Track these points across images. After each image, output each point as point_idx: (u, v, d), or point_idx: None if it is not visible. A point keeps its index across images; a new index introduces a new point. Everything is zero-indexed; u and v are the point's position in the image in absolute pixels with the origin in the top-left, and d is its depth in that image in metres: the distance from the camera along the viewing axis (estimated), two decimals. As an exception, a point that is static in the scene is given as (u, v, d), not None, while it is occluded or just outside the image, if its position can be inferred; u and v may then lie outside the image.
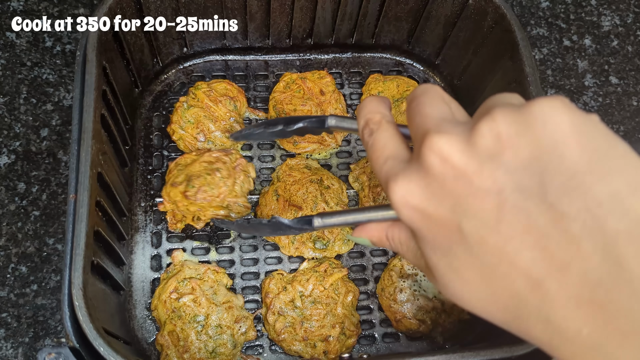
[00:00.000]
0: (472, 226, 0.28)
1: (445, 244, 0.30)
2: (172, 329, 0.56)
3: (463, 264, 0.29)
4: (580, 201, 0.25)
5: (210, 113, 0.65)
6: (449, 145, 0.28)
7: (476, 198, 0.27)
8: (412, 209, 0.30)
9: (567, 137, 0.26)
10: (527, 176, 0.26)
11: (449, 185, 0.28)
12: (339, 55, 0.73)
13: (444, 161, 0.28)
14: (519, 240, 0.26)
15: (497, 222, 0.27)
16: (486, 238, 0.27)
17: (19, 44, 0.72)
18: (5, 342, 0.58)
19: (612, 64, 0.77)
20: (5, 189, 0.64)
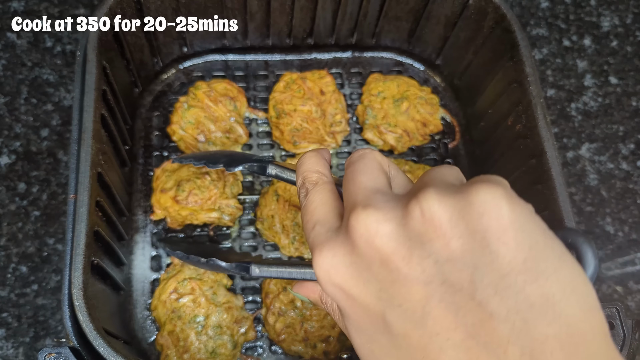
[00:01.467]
0: (397, 317, 0.26)
1: (369, 330, 0.28)
2: (172, 329, 0.56)
3: (385, 354, 0.27)
4: (511, 302, 0.23)
5: (211, 113, 0.65)
6: (376, 224, 0.26)
7: (402, 287, 0.25)
8: (335, 286, 0.28)
9: (504, 232, 0.24)
10: (457, 269, 0.24)
11: (375, 268, 0.26)
12: (339, 55, 0.73)
13: (370, 241, 0.26)
14: (445, 337, 0.24)
15: (422, 316, 0.25)
16: (410, 332, 0.25)
17: (20, 44, 0.72)
18: (6, 341, 0.58)
19: (612, 64, 0.78)
20: (5, 189, 0.64)
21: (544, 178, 0.52)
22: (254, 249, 0.62)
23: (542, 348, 0.23)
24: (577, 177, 0.70)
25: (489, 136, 0.65)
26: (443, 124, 0.70)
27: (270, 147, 0.68)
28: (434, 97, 0.71)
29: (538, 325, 0.23)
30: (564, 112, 0.74)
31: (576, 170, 0.71)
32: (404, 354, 0.26)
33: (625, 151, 0.72)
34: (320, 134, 0.67)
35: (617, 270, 0.64)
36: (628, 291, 0.64)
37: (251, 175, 0.66)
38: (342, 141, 0.68)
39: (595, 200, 0.69)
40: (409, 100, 0.69)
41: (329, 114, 0.68)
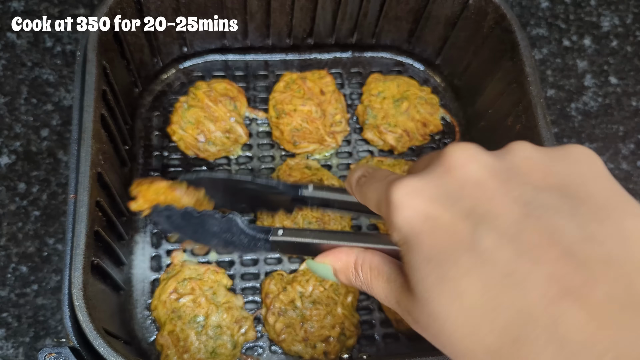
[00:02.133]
0: (488, 232, 0.25)
1: (447, 251, 0.26)
2: (172, 329, 0.56)
3: (464, 273, 0.25)
4: (611, 228, 0.24)
5: (211, 113, 0.65)
6: (475, 151, 0.26)
7: (498, 205, 0.25)
8: (413, 209, 0.27)
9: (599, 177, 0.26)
10: (555, 197, 0.25)
11: (469, 189, 0.26)
12: (339, 55, 0.73)
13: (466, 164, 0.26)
14: (541, 252, 0.24)
15: (518, 231, 0.24)
16: (503, 245, 0.24)
17: (20, 44, 0.72)
18: (6, 341, 0.58)
19: (612, 64, 0.78)
20: (5, 189, 0.64)
21: (544, 178, 0.52)
22: (254, 249, 0.62)
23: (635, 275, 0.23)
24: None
25: (489, 136, 0.65)
26: (443, 124, 0.70)
27: (270, 147, 0.68)
28: (434, 97, 0.71)
29: (635, 250, 0.23)
30: (564, 112, 0.74)
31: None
32: (488, 270, 0.25)
33: (625, 151, 0.72)
34: (320, 134, 0.67)
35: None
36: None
37: (251, 176, 0.66)
38: (342, 141, 0.68)
39: (595, 200, 0.69)
40: (409, 100, 0.69)
41: (329, 114, 0.68)
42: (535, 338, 0.23)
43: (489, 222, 0.25)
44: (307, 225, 0.62)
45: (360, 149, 0.69)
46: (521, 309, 0.23)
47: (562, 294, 0.23)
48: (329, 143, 0.67)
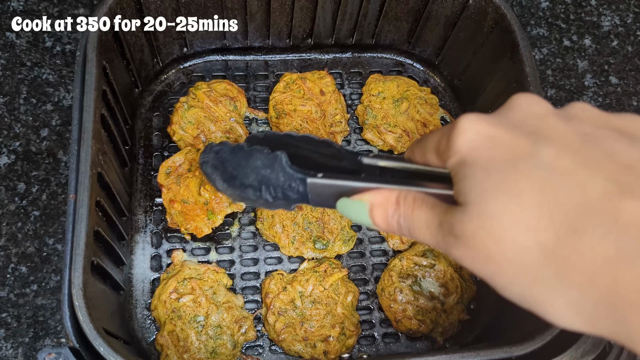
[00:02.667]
0: (549, 145, 0.26)
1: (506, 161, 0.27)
2: (172, 329, 0.56)
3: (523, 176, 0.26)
4: None
5: (211, 113, 0.65)
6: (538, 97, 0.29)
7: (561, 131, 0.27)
8: (476, 131, 0.28)
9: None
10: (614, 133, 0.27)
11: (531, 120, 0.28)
12: (339, 55, 0.73)
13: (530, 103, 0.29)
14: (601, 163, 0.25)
15: (579, 148, 0.26)
16: (563, 156, 0.26)
17: (19, 44, 0.72)
18: (5, 342, 0.58)
19: (612, 64, 0.77)
20: (5, 189, 0.64)
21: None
22: (254, 248, 0.62)
23: None
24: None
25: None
26: (443, 124, 0.70)
27: (270, 147, 0.68)
28: (433, 97, 0.70)
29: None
30: (564, 112, 0.74)
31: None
32: (547, 174, 0.26)
33: (625, 151, 0.72)
34: (320, 134, 0.67)
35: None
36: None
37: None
38: (342, 141, 0.68)
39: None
40: (408, 100, 0.69)
41: (329, 114, 0.68)
42: (596, 227, 0.24)
43: (550, 139, 0.27)
44: (307, 225, 0.62)
45: (360, 149, 0.69)
46: (581, 203, 0.24)
47: (622, 194, 0.24)
48: (329, 143, 0.67)
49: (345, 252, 0.63)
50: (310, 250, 0.61)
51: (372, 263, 0.63)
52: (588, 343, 0.40)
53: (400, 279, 0.60)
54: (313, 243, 0.61)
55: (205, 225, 0.60)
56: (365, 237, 0.64)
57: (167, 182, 0.61)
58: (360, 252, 0.64)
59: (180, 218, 0.60)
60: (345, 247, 0.62)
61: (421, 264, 0.61)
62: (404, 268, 0.61)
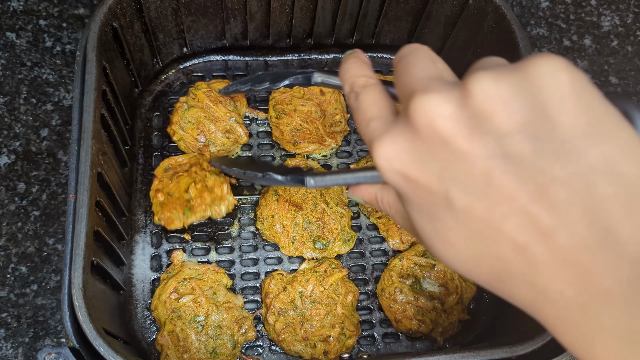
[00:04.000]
0: (459, 192, 0.27)
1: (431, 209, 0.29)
2: (172, 329, 0.56)
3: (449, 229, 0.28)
4: (573, 166, 0.24)
5: (211, 113, 0.65)
6: (437, 106, 0.27)
7: (465, 163, 0.26)
8: (396, 172, 0.29)
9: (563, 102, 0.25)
10: (518, 142, 0.25)
11: (436, 150, 0.27)
12: (339, 55, 0.73)
13: (431, 123, 0.27)
14: (507, 206, 0.25)
15: (485, 188, 0.26)
16: (473, 204, 0.26)
17: (19, 44, 0.72)
18: (6, 342, 0.58)
19: (612, 64, 0.77)
20: (5, 189, 0.64)
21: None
22: (254, 248, 0.62)
23: (603, 206, 0.24)
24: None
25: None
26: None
27: (270, 147, 0.68)
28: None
29: (599, 185, 0.24)
30: (564, 112, 0.74)
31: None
32: (466, 227, 0.27)
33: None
34: (320, 134, 0.67)
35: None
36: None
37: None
38: (342, 141, 0.68)
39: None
40: (409, 100, 0.68)
41: (329, 114, 0.68)
42: (512, 280, 0.27)
43: (458, 183, 0.27)
44: (307, 225, 0.62)
45: (360, 148, 0.69)
46: (498, 257, 0.27)
47: (528, 242, 0.25)
48: (328, 143, 0.67)
49: (345, 252, 0.63)
50: (310, 251, 0.62)
51: (372, 263, 0.63)
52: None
53: (400, 279, 0.60)
54: (313, 243, 0.61)
55: (178, 218, 0.60)
56: (365, 237, 0.64)
57: (161, 175, 0.61)
58: (360, 252, 0.64)
59: (158, 208, 0.60)
60: (345, 247, 0.62)
61: (421, 264, 0.61)
62: (404, 268, 0.61)
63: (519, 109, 0.25)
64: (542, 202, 0.25)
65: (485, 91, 0.26)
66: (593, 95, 0.25)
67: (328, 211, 0.62)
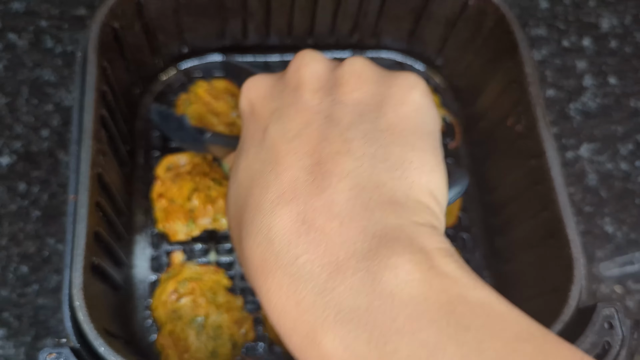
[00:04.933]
0: (275, 130, 0.29)
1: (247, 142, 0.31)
2: (172, 330, 0.56)
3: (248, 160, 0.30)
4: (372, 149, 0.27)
5: (213, 108, 0.66)
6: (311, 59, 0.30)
7: (295, 109, 0.29)
8: (248, 100, 0.32)
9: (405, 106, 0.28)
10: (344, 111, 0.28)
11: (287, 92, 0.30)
12: (339, 55, 0.73)
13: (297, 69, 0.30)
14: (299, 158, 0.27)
15: (294, 136, 0.28)
16: (277, 145, 0.28)
17: (21, 45, 0.72)
18: (7, 341, 0.58)
19: (611, 65, 0.78)
20: (6, 189, 0.64)
21: (544, 178, 0.52)
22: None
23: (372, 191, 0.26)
24: (576, 177, 0.70)
25: (489, 136, 0.65)
26: (443, 124, 0.70)
27: (270, 147, 0.68)
28: (434, 97, 0.70)
29: (382, 173, 0.26)
30: (563, 113, 0.74)
31: (575, 171, 0.71)
32: (263, 167, 0.29)
33: (624, 151, 0.72)
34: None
35: (615, 270, 0.64)
36: (627, 291, 0.64)
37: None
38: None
39: (594, 201, 0.69)
40: (409, 100, 0.69)
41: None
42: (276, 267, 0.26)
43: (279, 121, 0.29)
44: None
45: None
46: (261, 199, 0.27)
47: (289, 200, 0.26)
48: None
49: (345, 252, 0.63)
50: (310, 251, 0.61)
51: (372, 263, 0.63)
52: (586, 342, 0.40)
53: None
54: (313, 243, 0.61)
55: (182, 231, 0.60)
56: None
57: (164, 176, 0.61)
58: (360, 252, 0.63)
59: (161, 214, 0.60)
60: (345, 247, 0.62)
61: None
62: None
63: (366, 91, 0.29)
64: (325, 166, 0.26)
65: (353, 66, 0.29)
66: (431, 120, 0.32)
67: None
